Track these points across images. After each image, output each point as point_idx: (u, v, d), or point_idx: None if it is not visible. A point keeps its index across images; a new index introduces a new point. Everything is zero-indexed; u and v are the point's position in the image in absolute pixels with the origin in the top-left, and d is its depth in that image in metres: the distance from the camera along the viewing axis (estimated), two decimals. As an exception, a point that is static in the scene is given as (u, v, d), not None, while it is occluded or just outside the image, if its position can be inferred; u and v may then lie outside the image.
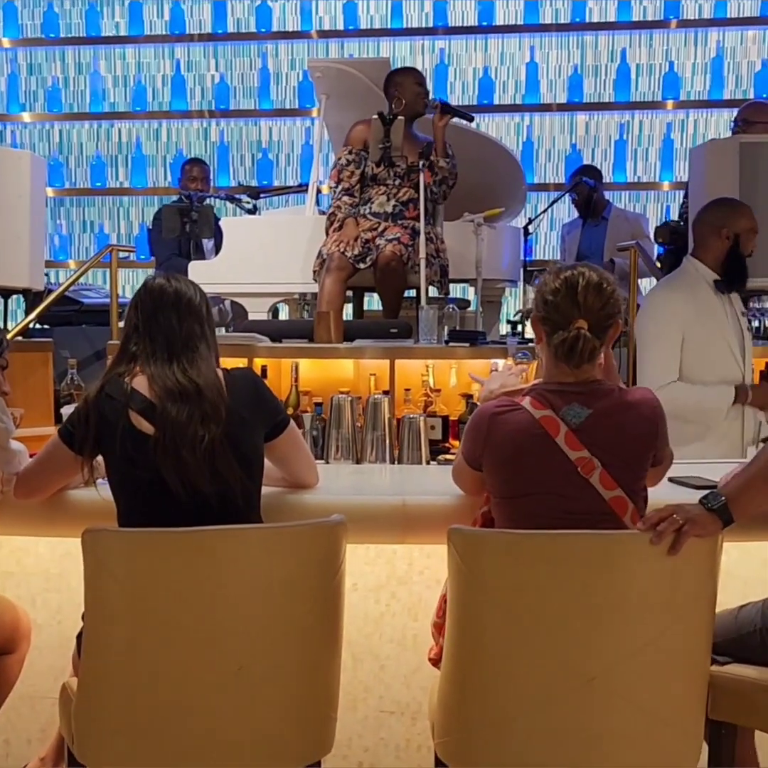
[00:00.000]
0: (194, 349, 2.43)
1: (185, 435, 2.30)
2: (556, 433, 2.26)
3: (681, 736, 2.19)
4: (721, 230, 3.82)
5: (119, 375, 2.41)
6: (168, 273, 2.56)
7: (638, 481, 2.34)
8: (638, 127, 8.12)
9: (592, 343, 2.29)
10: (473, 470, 2.41)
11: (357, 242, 5.31)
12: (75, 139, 8.71)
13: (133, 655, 2.13)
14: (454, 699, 2.21)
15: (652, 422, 2.34)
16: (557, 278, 2.33)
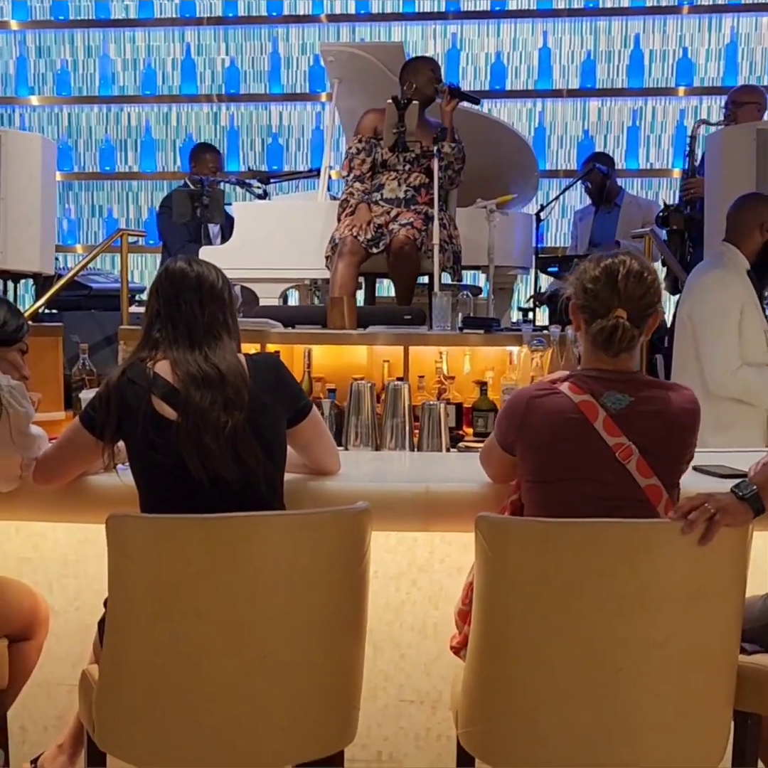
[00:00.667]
0: (217, 336, 2.41)
1: (208, 421, 2.28)
2: (594, 418, 2.25)
3: (708, 727, 2.17)
4: (763, 225, 4.00)
5: (141, 360, 2.39)
6: (190, 256, 2.54)
7: (675, 472, 2.32)
8: (651, 114, 8.06)
9: (630, 333, 2.29)
10: (505, 454, 2.40)
11: (370, 227, 5.28)
12: (84, 123, 8.66)
13: (156, 643, 2.11)
14: (479, 688, 2.20)
15: (692, 416, 2.33)
16: (597, 266, 2.32)
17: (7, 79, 8.68)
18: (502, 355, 4.78)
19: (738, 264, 4.03)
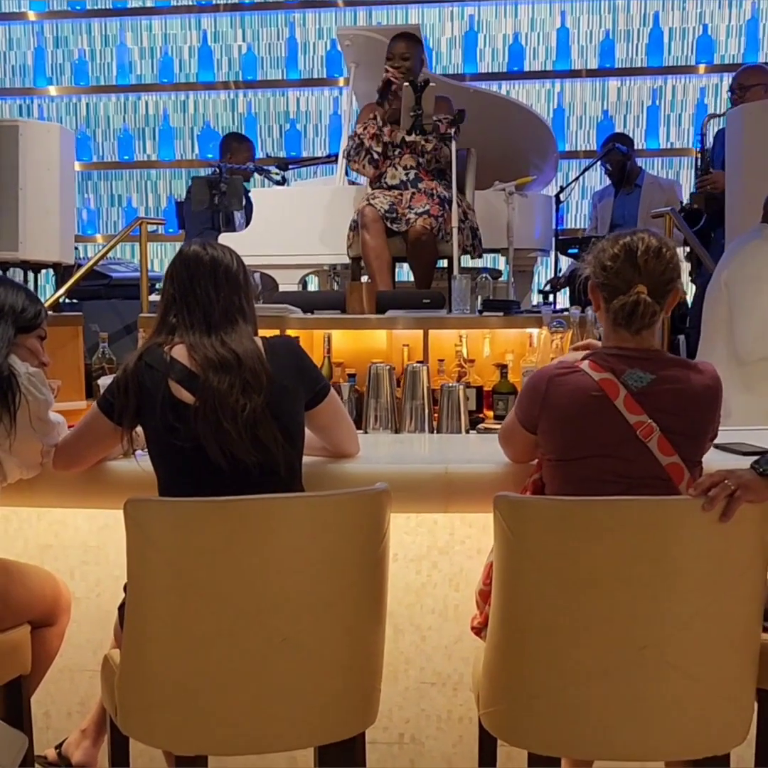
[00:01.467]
0: (233, 320, 2.40)
1: (226, 404, 2.27)
2: (615, 396, 2.23)
3: (732, 705, 2.15)
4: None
5: (158, 345, 2.38)
6: (206, 240, 2.53)
7: (697, 451, 2.31)
8: (671, 93, 8.01)
9: (652, 308, 2.28)
10: (527, 433, 2.39)
11: (385, 198, 5.27)
12: (102, 113, 8.68)
13: (176, 626, 2.10)
14: (500, 669, 2.18)
15: (714, 393, 2.31)
16: (616, 244, 2.32)
17: (26, 69, 8.71)
18: (522, 338, 4.76)
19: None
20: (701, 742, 2.13)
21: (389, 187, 5.39)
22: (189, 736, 2.14)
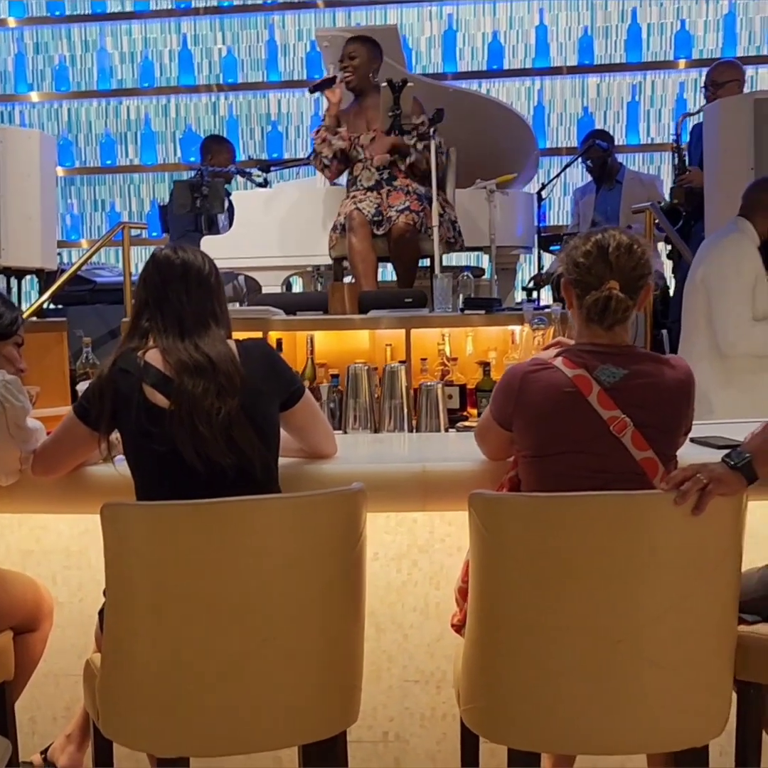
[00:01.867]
0: (206, 324, 2.40)
1: (201, 408, 2.28)
2: (588, 392, 2.25)
3: (709, 697, 2.16)
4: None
5: (132, 350, 2.39)
6: (177, 243, 2.53)
7: (671, 445, 2.32)
8: (650, 88, 8.03)
9: (624, 303, 2.30)
10: (502, 430, 2.40)
11: (370, 201, 5.29)
12: (84, 118, 8.67)
13: (155, 629, 2.11)
14: (479, 665, 2.20)
15: (687, 387, 2.33)
16: (588, 241, 2.34)
17: (6, 76, 8.70)
18: (504, 335, 4.77)
19: (753, 237, 4.09)
20: (679, 734, 2.15)
21: (366, 189, 5.41)
22: (170, 739, 2.15)
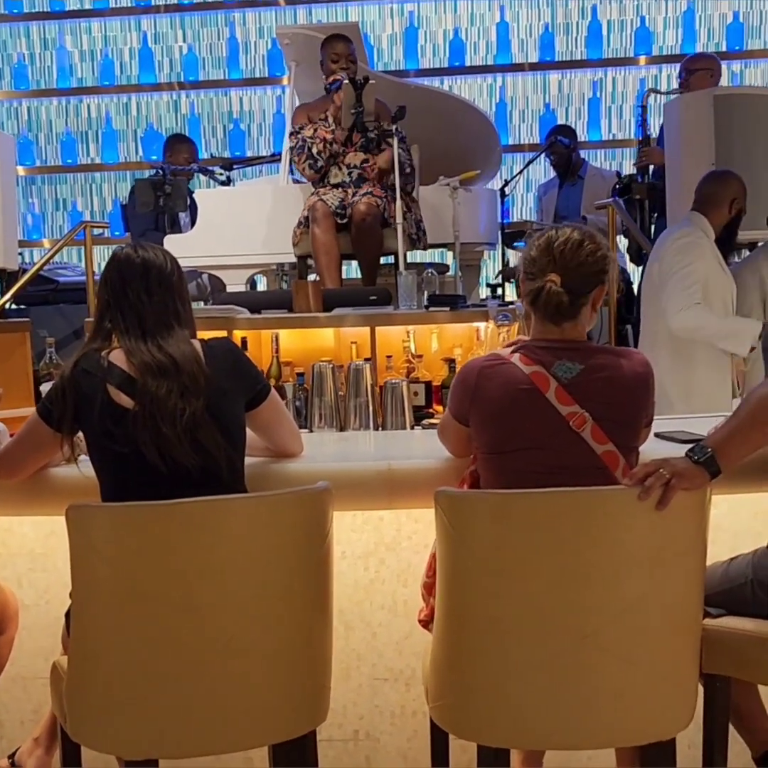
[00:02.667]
0: (168, 324, 2.39)
1: (165, 409, 2.27)
2: (546, 389, 2.25)
3: (675, 691, 2.18)
4: (733, 200, 4.14)
5: (95, 350, 2.38)
6: (137, 242, 2.52)
7: (632, 437, 2.33)
8: (611, 84, 8.08)
9: (558, 297, 2.29)
10: (460, 426, 2.40)
11: (334, 195, 5.28)
12: (44, 116, 8.60)
13: (121, 630, 2.10)
14: (447, 662, 2.20)
15: (645, 379, 2.34)
16: (542, 236, 2.36)
17: (-35, 75, 8.62)
18: (470, 332, 4.78)
19: (707, 231, 4.13)
20: (646, 728, 2.16)
21: (332, 186, 5.40)
22: (138, 741, 2.14)
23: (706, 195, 4.21)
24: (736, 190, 4.19)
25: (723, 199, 4.17)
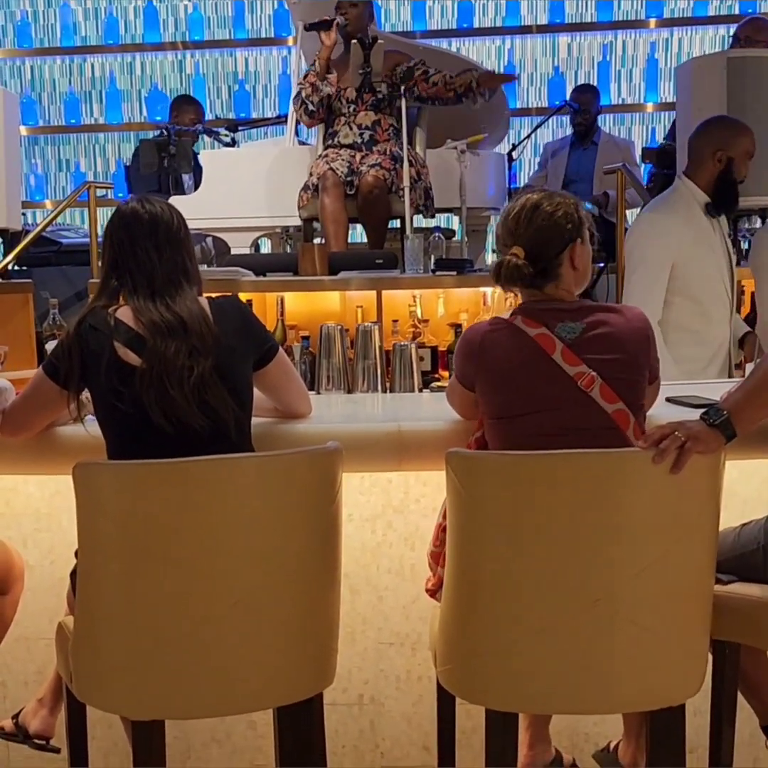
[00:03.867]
0: (177, 283, 2.35)
1: (173, 370, 2.23)
2: (552, 350, 2.23)
3: (685, 656, 2.16)
4: (716, 152, 3.70)
5: (102, 307, 2.34)
6: (142, 195, 2.46)
7: (638, 394, 2.31)
8: (621, 48, 7.99)
9: (520, 271, 2.28)
10: (467, 391, 2.38)
11: (343, 160, 5.23)
12: (47, 75, 8.52)
13: (128, 590, 2.09)
14: (456, 625, 2.18)
15: (644, 333, 2.32)
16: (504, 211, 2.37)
17: (-33, 33, 8.53)
18: (476, 297, 4.75)
19: (690, 199, 3.76)
20: (656, 693, 2.14)
21: (341, 146, 5.34)
22: (144, 701, 2.13)
23: (690, 153, 3.84)
24: (718, 139, 3.71)
25: (703, 153, 3.72)
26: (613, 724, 2.68)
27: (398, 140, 5.24)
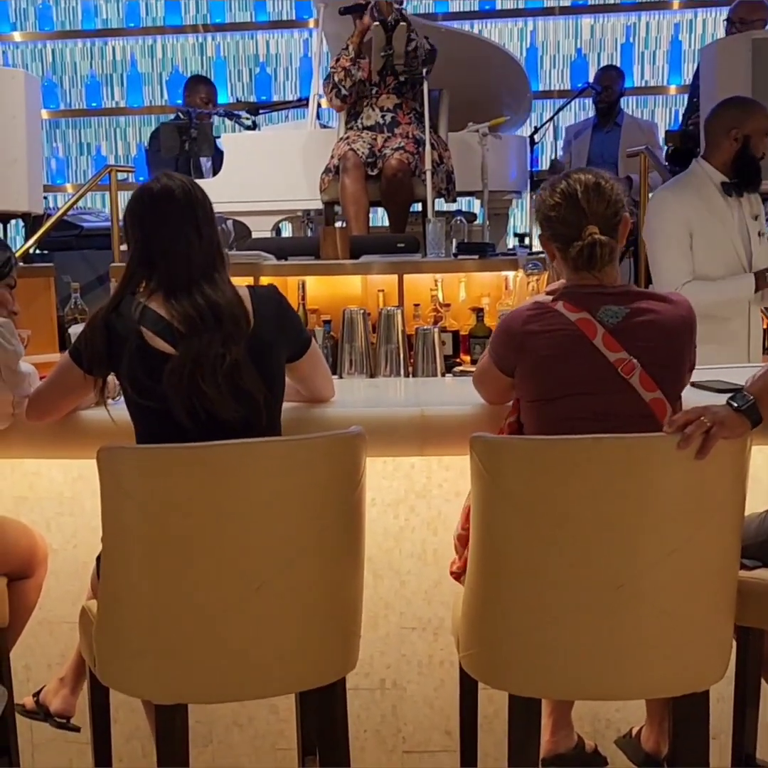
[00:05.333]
0: (213, 267, 2.27)
1: (206, 361, 2.18)
2: (593, 335, 2.22)
3: (710, 642, 2.15)
4: (731, 131, 3.68)
5: (132, 294, 2.29)
6: (166, 172, 2.36)
7: (677, 384, 2.30)
8: (645, 29, 7.93)
9: (609, 246, 2.27)
10: (503, 376, 2.37)
11: (364, 142, 5.21)
12: (68, 59, 8.53)
13: (152, 575, 2.09)
14: (479, 610, 2.18)
15: (688, 321, 2.31)
16: (554, 193, 2.31)
17: (-12, 16, 8.54)
18: (498, 281, 4.74)
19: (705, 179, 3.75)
20: (680, 679, 2.13)
21: (363, 128, 5.32)
22: (168, 685, 2.13)
23: (706, 134, 3.85)
24: (732, 118, 3.69)
25: (719, 134, 3.71)
26: (636, 709, 2.67)
27: (420, 124, 5.21)
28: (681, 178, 3.91)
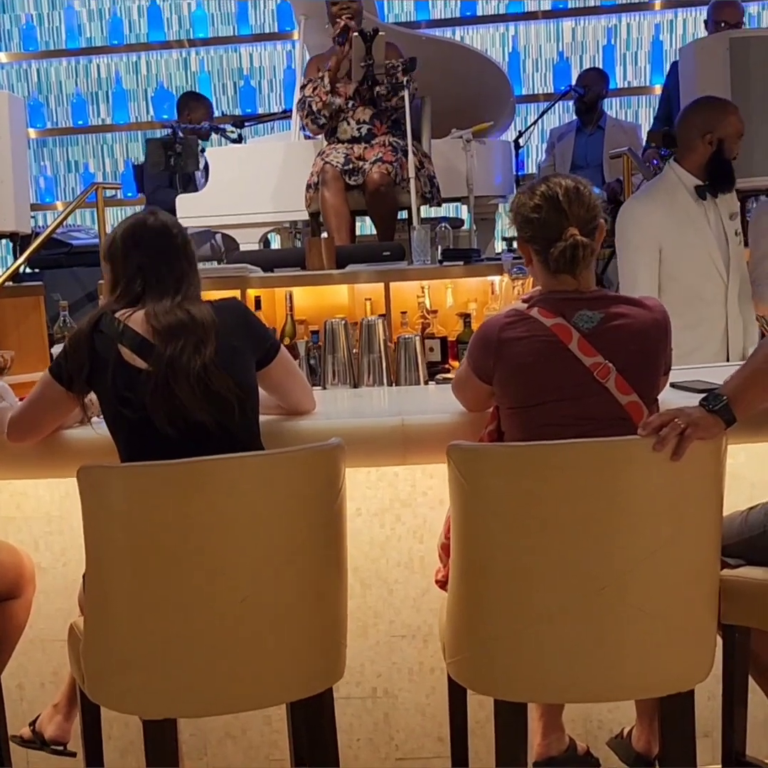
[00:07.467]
0: (194, 288, 2.41)
1: (179, 367, 2.24)
2: (569, 340, 2.24)
3: (693, 642, 2.16)
4: (705, 135, 3.63)
5: (112, 311, 2.35)
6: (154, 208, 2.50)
7: (653, 387, 2.32)
8: (626, 31, 7.96)
9: (590, 248, 2.29)
10: (481, 383, 2.38)
11: (338, 153, 5.23)
12: (53, 78, 8.56)
13: (136, 591, 2.10)
14: (463, 616, 2.19)
15: (663, 326, 2.32)
16: (534, 195, 2.31)
17: (-27, 37, 8.56)
18: (484, 286, 4.75)
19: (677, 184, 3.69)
20: (665, 679, 2.14)
21: (339, 141, 5.35)
22: (155, 701, 2.14)
23: (679, 137, 3.75)
24: (705, 120, 3.62)
25: (692, 137, 3.64)
26: (628, 710, 2.68)
27: (398, 131, 5.24)
28: (654, 184, 3.88)
